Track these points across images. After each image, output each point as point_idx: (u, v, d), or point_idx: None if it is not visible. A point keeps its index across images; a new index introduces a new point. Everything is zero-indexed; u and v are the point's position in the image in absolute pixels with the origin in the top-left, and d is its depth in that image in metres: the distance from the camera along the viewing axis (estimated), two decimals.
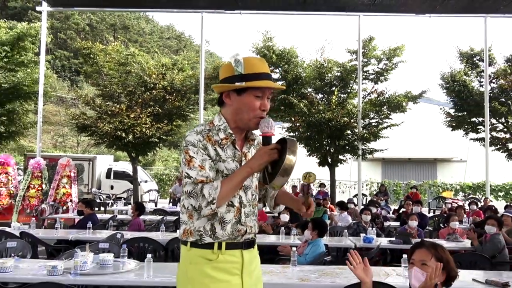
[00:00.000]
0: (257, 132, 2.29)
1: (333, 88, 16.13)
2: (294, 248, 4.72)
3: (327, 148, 15.45)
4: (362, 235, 6.97)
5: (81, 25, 47.03)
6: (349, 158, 16.20)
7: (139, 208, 7.92)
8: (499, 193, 22.50)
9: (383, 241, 6.76)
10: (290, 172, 2.01)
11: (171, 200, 15.94)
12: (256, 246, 2.27)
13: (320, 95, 16.68)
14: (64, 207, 12.64)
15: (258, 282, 2.24)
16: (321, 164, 15.58)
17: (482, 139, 16.53)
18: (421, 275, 2.61)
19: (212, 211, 2.02)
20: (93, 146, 29.81)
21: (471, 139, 17.51)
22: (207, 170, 2.04)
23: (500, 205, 16.82)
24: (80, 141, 34.58)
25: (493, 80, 16.59)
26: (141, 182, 18.75)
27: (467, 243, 6.85)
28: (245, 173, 2.07)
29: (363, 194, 17.77)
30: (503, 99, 16.38)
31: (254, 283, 2.19)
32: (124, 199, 16.79)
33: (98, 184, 20.16)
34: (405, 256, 4.51)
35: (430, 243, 2.81)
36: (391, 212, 13.04)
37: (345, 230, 7.34)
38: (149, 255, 4.07)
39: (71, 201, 13.01)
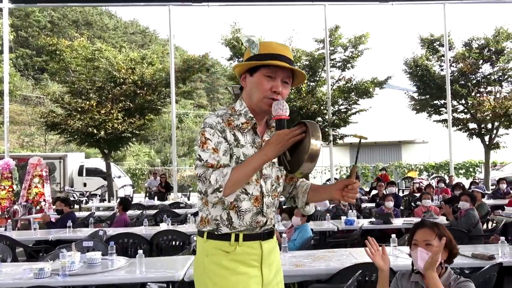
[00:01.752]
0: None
1: None
2: (284, 235, 4.64)
3: None
4: (343, 217, 6.96)
5: (43, 22, 45.35)
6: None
7: (124, 203, 7.69)
8: (460, 171, 23.18)
9: (364, 223, 6.77)
10: (316, 158, 1.85)
11: (147, 195, 15.67)
12: (275, 236, 2.15)
13: None
14: (38, 207, 12.18)
15: (278, 273, 2.12)
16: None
17: (444, 121, 16.92)
18: (426, 255, 2.55)
19: (219, 199, 1.88)
20: (63, 144, 28.97)
21: (434, 121, 17.88)
22: (220, 154, 1.91)
23: (462, 182, 17.34)
24: (48, 139, 33.50)
25: (453, 64, 16.94)
26: (114, 177, 18.35)
27: (442, 219, 6.94)
28: (259, 160, 1.88)
29: (335, 179, 17.92)
30: (463, 82, 16.76)
31: (274, 275, 2.08)
32: (99, 195, 16.38)
33: (71, 182, 19.63)
34: (393, 235, 4.51)
35: (430, 222, 2.76)
36: (363, 194, 13.17)
37: (327, 214, 7.33)
38: (140, 251, 3.89)
39: (44, 200, 12.56)
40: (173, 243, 5.76)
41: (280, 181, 2.13)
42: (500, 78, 16.80)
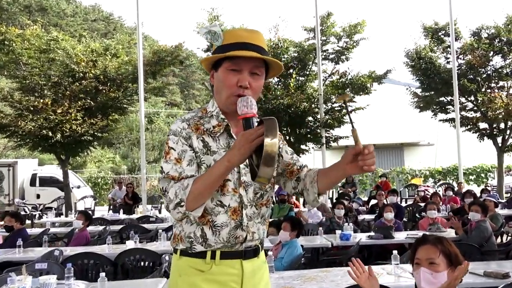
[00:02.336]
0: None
1: (291, 71, 16.19)
2: (270, 253, 4.62)
3: (287, 137, 15.50)
4: (338, 232, 6.98)
5: None
6: (312, 148, 16.34)
7: (87, 217, 7.60)
8: (470, 177, 23.47)
9: (361, 237, 6.79)
10: (273, 162, 1.75)
11: (111, 207, 15.51)
12: (262, 254, 2.12)
13: (276, 79, 16.70)
14: None
15: None
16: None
17: (451, 120, 17.13)
18: (430, 276, 2.55)
19: (183, 215, 1.87)
20: (12, 149, 28.51)
21: (440, 120, 18.10)
22: (184, 164, 1.90)
23: (472, 189, 17.54)
24: None
25: (460, 56, 17.20)
26: (73, 188, 18.14)
27: (450, 232, 7.01)
28: (222, 167, 1.81)
29: None
30: (472, 76, 17.02)
31: None
32: (55, 209, 16.15)
33: (22, 194, 19.31)
34: (395, 252, 4.53)
35: (434, 237, 2.76)
36: (361, 204, 13.23)
37: (320, 228, 7.34)
38: (102, 274, 3.84)
39: None
40: (142, 263, 5.71)
41: (268, 187, 2.07)
42: None
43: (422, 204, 10.75)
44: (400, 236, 6.91)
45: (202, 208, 1.87)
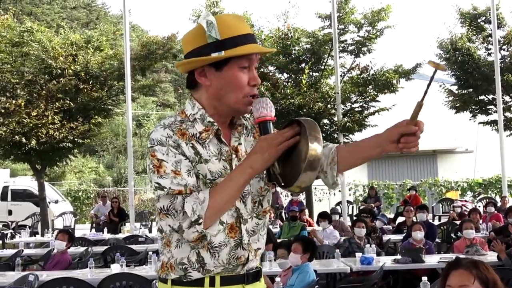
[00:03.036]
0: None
1: (303, 65, 16.22)
2: (278, 279, 4.66)
3: None
4: (358, 254, 7.00)
5: None
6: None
7: (70, 237, 7.68)
8: None
9: (386, 261, 6.82)
10: (318, 165, 1.85)
11: (93, 225, 15.59)
12: (262, 279, 2.17)
13: (286, 75, 16.75)
14: None
15: None
16: None
17: (494, 122, 17.09)
18: None
19: (199, 234, 1.87)
20: None
21: (479, 122, 18.07)
22: (184, 175, 1.90)
23: None
24: None
25: (504, 47, 17.18)
26: (50, 202, 18.22)
27: (491, 255, 7.03)
28: (245, 176, 1.89)
29: (348, 202, 18.00)
30: None
31: None
32: (29, 227, 16.23)
33: None
34: (424, 278, 4.57)
35: (469, 260, 2.79)
36: (386, 222, 13.25)
37: (336, 250, 7.37)
38: None
39: None
40: None
41: (264, 192, 2.11)
42: None
43: (458, 222, 10.75)
44: (432, 260, 6.94)
45: (217, 225, 1.91)
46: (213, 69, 1.98)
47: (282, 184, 1.97)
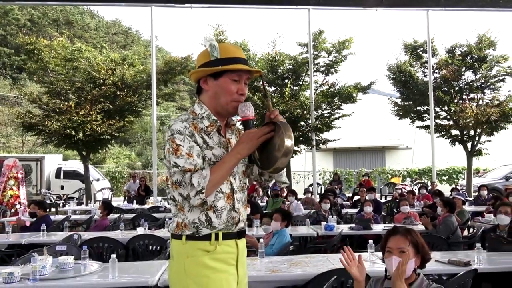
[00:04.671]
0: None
1: (286, 81, 16.22)
2: (261, 240, 4.65)
3: None
4: (323, 223, 7.01)
5: (22, 20, 44.70)
6: (304, 149, 16.36)
7: (108, 207, 7.61)
8: (443, 177, 23.50)
9: (344, 228, 6.82)
10: (290, 154, 1.99)
11: (126, 198, 15.53)
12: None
13: (273, 88, 16.73)
14: (13, 210, 11.99)
15: (246, 274, 2.24)
16: None
17: (427, 127, 17.15)
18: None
19: (202, 201, 1.96)
20: (40, 146, 28.60)
21: (417, 127, 18.12)
22: (195, 157, 1.99)
23: (445, 188, 17.57)
24: (25, 141, 32.97)
25: (436, 70, 17.21)
26: (93, 180, 18.16)
27: (422, 226, 7.03)
28: (234, 159, 2.02)
29: (318, 184, 18.01)
30: (446, 88, 17.02)
31: (244, 274, 2.20)
32: (76, 199, 16.17)
33: (48, 185, 19.34)
34: (370, 241, 4.56)
35: (404, 228, 2.79)
36: (345, 199, 13.26)
37: (307, 219, 7.37)
38: (113, 255, 3.86)
39: (19, 203, 12.37)
40: (150, 248, 5.73)
41: (246, 174, 2.25)
42: (483, 85, 17.11)
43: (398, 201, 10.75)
44: (378, 228, 6.94)
45: (214, 194, 2.00)
46: (212, 79, 2.10)
47: (260, 166, 2.12)
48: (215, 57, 2.06)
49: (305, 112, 15.30)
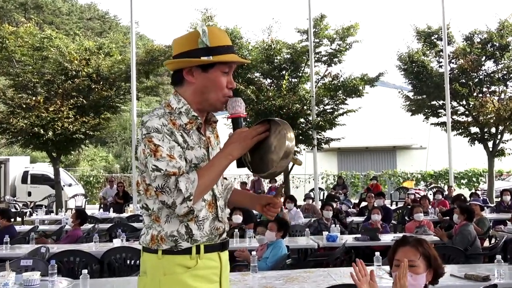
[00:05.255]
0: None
1: (283, 72, 16.22)
2: (254, 253, 4.64)
3: None
4: (325, 233, 7.01)
5: None
6: (303, 149, 16.36)
7: (81, 216, 7.57)
8: (462, 181, 23.54)
9: (348, 239, 6.83)
10: (290, 156, 1.97)
11: (101, 206, 15.48)
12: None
13: (269, 80, 16.74)
14: None
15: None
16: None
17: (443, 124, 17.19)
18: (410, 277, 2.56)
19: (188, 209, 1.89)
20: (4, 146, 28.39)
21: (431, 124, 18.16)
22: (178, 159, 1.92)
23: (463, 193, 17.61)
24: None
25: (453, 60, 17.27)
26: (64, 186, 18.10)
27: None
28: (225, 161, 1.97)
29: (320, 188, 18.02)
30: (464, 80, 17.09)
31: None
32: (45, 206, 16.09)
33: (13, 191, 19.24)
34: (377, 253, 4.56)
35: (414, 239, 2.78)
36: (351, 206, 13.29)
37: (306, 229, 7.36)
38: (84, 271, 3.85)
39: None
40: (128, 262, 5.71)
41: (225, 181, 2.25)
42: (505, 77, 17.19)
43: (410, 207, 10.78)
44: (386, 238, 6.94)
45: (201, 201, 1.98)
46: (199, 70, 2.02)
47: (251, 170, 2.07)
48: (205, 44, 1.99)
49: (305, 107, 15.29)
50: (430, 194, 16.30)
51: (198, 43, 1.99)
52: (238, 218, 7.64)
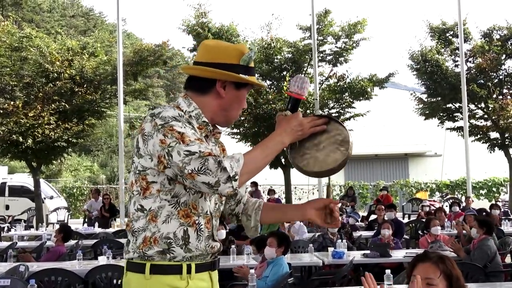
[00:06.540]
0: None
1: (284, 73, 16.25)
2: (252, 271, 4.64)
3: None
4: (330, 249, 7.00)
5: None
6: None
7: (66, 231, 7.57)
8: (481, 191, 23.53)
9: (356, 255, 6.82)
10: (350, 150, 2.10)
11: (86, 220, 15.46)
12: None
13: (269, 82, 16.75)
14: None
15: None
16: (273, 165, 15.65)
17: (460, 129, 17.22)
18: None
19: (233, 191, 1.88)
20: None
21: (447, 128, 18.20)
22: (206, 144, 1.97)
23: (482, 204, 17.62)
24: None
25: (470, 59, 17.33)
26: (45, 198, 18.09)
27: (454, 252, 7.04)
28: (277, 147, 2.03)
29: None
30: (482, 81, 17.16)
31: None
32: (25, 221, 16.05)
33: None
34: (388, 271, 4.55)
35: (436, 255, 2.72)
36: (359, 219, 13.27)
37: (310, 245, 7.36)
38: None
39: None
40: (114, 281, 5.71)
41: (223, 199, 2.24)
42: None
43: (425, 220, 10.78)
44: (398, 255, 6.94)
45: (244, 186, 2.08)
46: (233, 86, 2.14)
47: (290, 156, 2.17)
48: (247, 63, 2.11)
49: (308, 111, 15.33)
50: (446, 206, 16.32)
51: (240, 60, 2.10)
52: (221, 234, 7.56)
